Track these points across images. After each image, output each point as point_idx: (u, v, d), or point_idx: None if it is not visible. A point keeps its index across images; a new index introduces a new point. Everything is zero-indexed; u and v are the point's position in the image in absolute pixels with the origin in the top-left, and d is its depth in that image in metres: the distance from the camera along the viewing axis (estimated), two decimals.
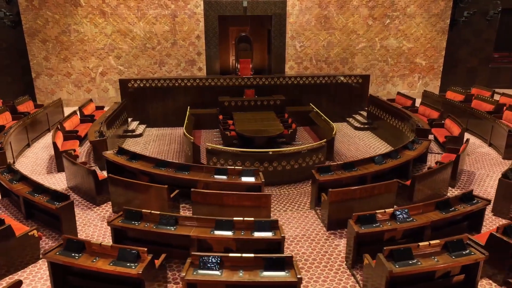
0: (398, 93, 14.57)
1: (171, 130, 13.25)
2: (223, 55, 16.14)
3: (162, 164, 8.24)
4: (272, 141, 11.24)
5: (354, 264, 5.90)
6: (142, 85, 13.36)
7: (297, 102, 13.85)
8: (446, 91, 15.06)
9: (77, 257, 5.04)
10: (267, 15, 15.10)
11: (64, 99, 14.67)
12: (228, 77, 14.03)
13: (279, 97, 13.27)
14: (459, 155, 8.45)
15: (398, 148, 9.18)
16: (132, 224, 5.95)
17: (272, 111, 12.88)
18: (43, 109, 12.47)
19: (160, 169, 8.12)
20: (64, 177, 8.93)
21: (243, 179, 7.65)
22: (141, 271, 4.75)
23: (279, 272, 4.73)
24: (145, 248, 5.01)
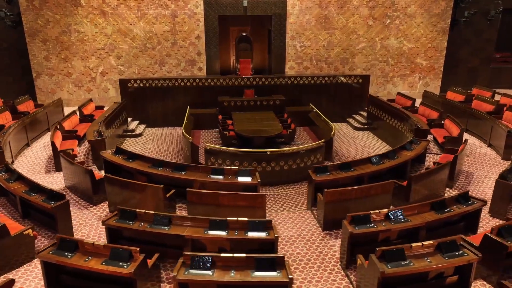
0: (398, 93, 14.53)
1: (171, 130, 13.26)
2: (223, 55, 16.13)
3: (159, 164, 8.26)
4: (271, 141, 11.24)
5: (348, 264, 5.89)
6: (142, 85, 13.38)
7: (297, 102, 13.83)
8: (447, 92, 15.00)
9: (69, 256, 5.06)
10: (267, 15, 15.08)
11: (64, 99, 14.73)
12: (228, 77, 14.03)
13: (279, 97, 13.25)
14: (456, 155, 8.41)
15: (396, 148, 9.15)
16: (127, 223, 5.96)
17: (271, 111, 12.85)
18: (42, 109, 12.51)
19: (157, 169, 8.14)
20: (62, 177, 8.96)
21: (240, 179, 7.65)
22: (133, 270, 4.75)
23: (270, 272, 4.73)
24: (137, 248, 5.02)
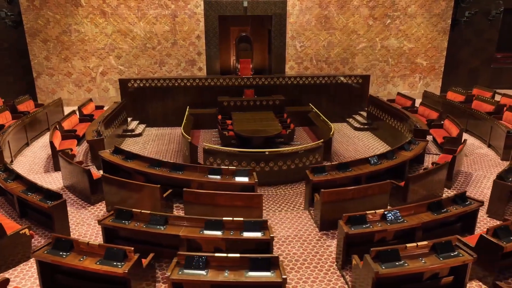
0: (398, 93, 14.50)
1: (171, 130, 13.28)
2: (224, 55, 16.14)
3: (157, 164, 8.27)
4: (270, 141, 11.23)
5: (344, 265, 5.87)
6: (142, 85, 13.41)
7: (297, 102, 13.82)
8: (447, 92, 14.95)
9: (64, 256, 5.07)
10: (267, 15, 15.08)
11: (64, 98, 14.77)
12: (228, 77, 14.03)
13: (279, 97, 13.25)
14: (455, 156, 8.38)
15: (394, 148, 9.14)
16: (123, 223, 5.96)
17: (271, 111, 12.85)
18: (42, 109, 12.54)
19: (155, 168, 8.15)
20: (61, 176, 8.98)
21: (237, 179, 7.65)
22: (127, 270, 4.76)
23: (264, 273, 4.72)
24: (132, 248, 5.02)
